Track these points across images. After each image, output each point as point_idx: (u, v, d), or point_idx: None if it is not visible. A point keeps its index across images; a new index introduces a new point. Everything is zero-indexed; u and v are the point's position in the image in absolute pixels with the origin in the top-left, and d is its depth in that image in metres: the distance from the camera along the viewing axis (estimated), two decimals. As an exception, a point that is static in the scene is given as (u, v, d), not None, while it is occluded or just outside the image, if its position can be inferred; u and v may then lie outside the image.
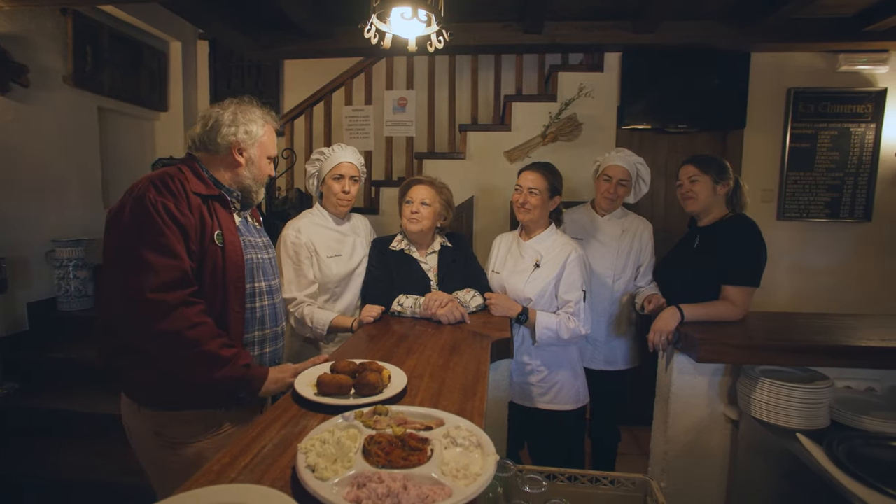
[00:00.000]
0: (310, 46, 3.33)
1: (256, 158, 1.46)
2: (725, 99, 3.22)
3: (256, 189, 1.50)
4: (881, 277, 3.32)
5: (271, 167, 1.53)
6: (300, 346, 2.06)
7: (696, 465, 1.88)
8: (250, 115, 1.44)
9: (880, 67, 3.19)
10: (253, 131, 1.43)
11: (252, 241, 1.48)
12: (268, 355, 1.51)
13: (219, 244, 1.33)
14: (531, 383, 2.03)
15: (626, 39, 3.11)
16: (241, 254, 1.39)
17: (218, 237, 1.33)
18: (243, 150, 1.43)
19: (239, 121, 1.41)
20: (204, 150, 1.42)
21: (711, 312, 1.87)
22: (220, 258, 1.33)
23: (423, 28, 1.58)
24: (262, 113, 1.48)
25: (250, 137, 1.42)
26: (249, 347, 1.43)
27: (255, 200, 1.53)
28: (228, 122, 1.40)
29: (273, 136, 1.52)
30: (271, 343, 1.52)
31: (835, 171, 3.28)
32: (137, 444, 1.39)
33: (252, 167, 1.45)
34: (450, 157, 3.52)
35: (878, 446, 1.44)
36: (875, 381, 1.77)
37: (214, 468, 0.85)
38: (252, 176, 1.46)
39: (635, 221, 2.31)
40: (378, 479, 0.76)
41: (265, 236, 1.61)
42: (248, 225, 1.53)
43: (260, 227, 1.63)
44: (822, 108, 3.24)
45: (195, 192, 1.33)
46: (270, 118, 1.51)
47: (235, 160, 1.43)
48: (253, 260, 1.45)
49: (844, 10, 2.84)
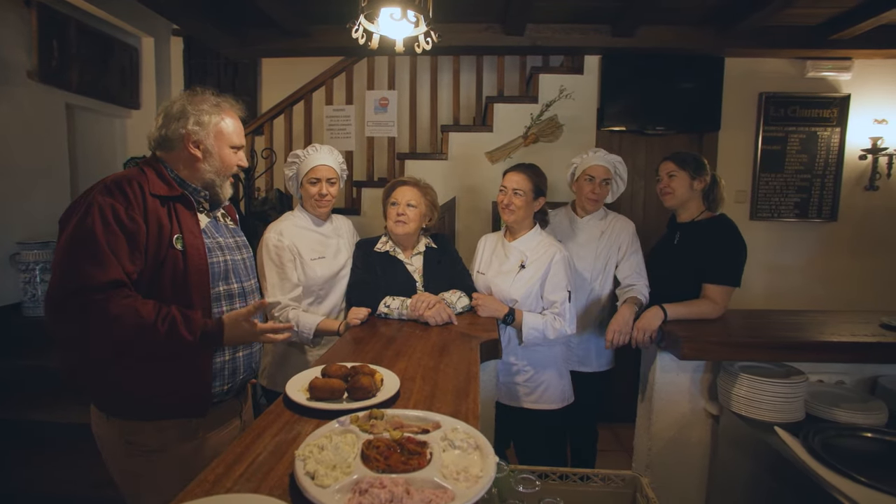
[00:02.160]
0: (289, 45, 3.28)
1: (215, 149, 1.36)
2: (701, 102, 3.31)
3: (221, 183, 1.41)
4: (846, 275, 3.47)
5: (239, 157, 1.43)
6: (284, 349, 2.03)
7: (678, 459, 1.93)
8: (201, 105, 1.34)
9: (844, 74, 3.33)
10: (205, 121, 1.34)
11: (223, 243, 1.41)
12: (242, 359, 1.43)
13: (178, 248, 1.26)
14: (517, 383, 2.04)
15: (605, 43, 3.16)
16: (205, 257, 1.31)
17: (177, 241, 1.26)
18: (198, 141, 1.34)
19: (188, 112, 1.33)
20: (162, 148, 1.35)
21: (693, 311, 1.92)
22: (180, 263, 1.25)
23: (412, 29, 1.57)
24: (217, 100, 1.38)
25: (203, 128, 1.33)
26: (220, 353, 1.35)
27: (222, 196, 1.44)
28: (177, 114, 1.32)
29: (235, 123, 1.41)
30: (245, 347, 1.44)
31: (803, 172, 3.41)
32: (109, 454, 1.33)
33: (212, 159, 1.36)
34: (432, 157, 3.51)
35: (850, 437, 1.51)
36: (844, 375, 1.85)
37: (209, 478, 0.83)
38: (214, 169, 1.37)
39: (615, 222, 2.27)
40: (380, 484, 0.75)
41: (240, 236, 1.54)
42: (219, 225, 1.45)
43: (235, 225, 1.56)
44: (791, 112, 3.37)
45: (155, 194, 1.26)
46: (228, 105, 1.41)
47: (191, 154, 1.34)
48: (224, 262, 1.38)
49: (812, 19, 2.96)
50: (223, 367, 1.36)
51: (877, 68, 3.35)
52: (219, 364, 1.35)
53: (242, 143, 1.44)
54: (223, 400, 1.40)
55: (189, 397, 1.30)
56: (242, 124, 1.47)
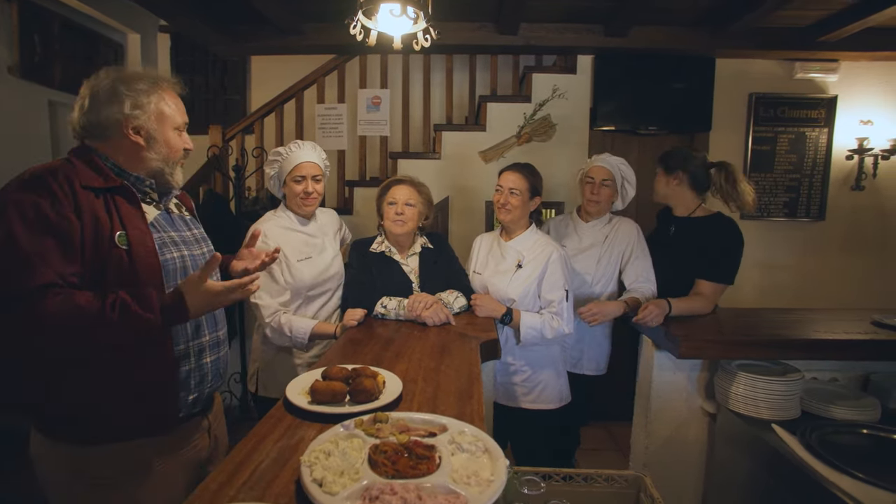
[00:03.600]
0: (281, 42, 3.24)
1: (159, 134, 1.20)
2: (692, 102, 3.34)
3: (171, 171, 1.25)
4: (834, 273, 3.53)
5: (185, 139, 1.28)
6: (273, 354, 1.96)
7: (676, 458, 1.94)
8: (135, 84, 1.17)
9: (831, 76, 3.39)
10: (144, 102, 1.17)
11: (178, 237, 1.26)
12: (209, 366, 1.28)
13: (122, 246, 1.10)
14: (515, 383, 2.04)
15: (598, 42, 3.17)
16: (156, 255, 1.15)
17: (120, 238, 1.10)
18: (138, 127, 1.17)
19: (121, 93, 1.15)
20: (93, 137, 1.18)
21: (692, 307, 1.94)
22: (125, 263, 1.10)
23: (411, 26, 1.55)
24: (152, 77, 1.22)
25: (142, 111, 1.17)
26: (184, 361, 1.21)
27: (173, 183, 1.27)
28: (107, 97, 1.15)
29: (175, 101, 1.25)
30: (212, 351, 1.30)
31: (792, 172, 3.46)
32: (52, 487, 1.16)
33: (157, 146, 1.20)
34: (425, 157, 3.49)
35: (846, 433, 1.52)
36: (837, 372, 1.87)
37: (211, 486, 0.80)
38: (161, 157, 1.21)
39: (620, 225, 2.21)
40: (391, 490, 0.73)
41: (197, 227, 1.38)
42: (173, 218, 1.29)
43: (192, 216, 1.39)
44: (780, 112, 3.41)
45: (88, 186, 1.10)
46: (167, 82, 1.24)
47: (133, 142, 1.17)
48: (181, 258, 1.23)
49: (801, 21, 3.00)
50: (189, 375, 1.22)
51: (863, 70, 3.41)
52: (184, 372, 1.21)
53: (186, 122, 1.28)
54: (190, 414, 1.25)
55: (152, 411, 1.15)
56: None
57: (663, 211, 2.30)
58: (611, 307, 2.03)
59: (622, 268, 2.17)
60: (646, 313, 1.83)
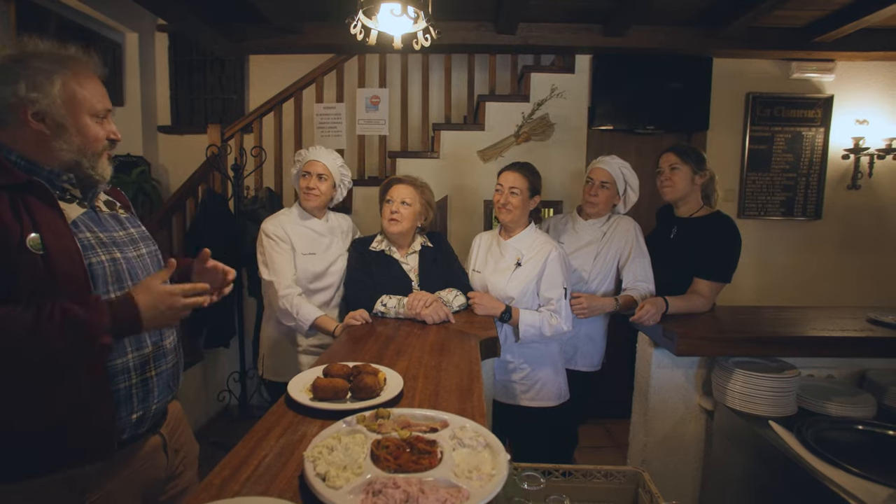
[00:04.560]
0: (279, 41, 3.24)
1: (69, 122, 1.03)
2: (690, 102, 3.36)
3: (91, 164, 1.07)
4: (831, 272, 3.56)
5: (108, 128, 1.10)
6: (276, 338, 2.06)
7: (673, 454, 1.95)
8: (32, 62, 1.00)
9: (827, 76, 3.41)
10: (44, 84, 1.00)
11: (107, 238, 1.09)
12: (155, 380, 1.12)
13: (36, 251, 0.94)
14: (514, 381, 2.05)
15: (596, 42, 3.18)
16: (80, 259, 1.00)
17: (33, 243, 0.94)
18: (40, 113, 1.00)
19: (17, 74, 0.98)
20: None
21: (690, 305, 1.96)
22: (41, 271, 0.94)
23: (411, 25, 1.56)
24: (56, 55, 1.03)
25: (43, 94, 1.00)
26: (123, 377, 1.06)
27: (97, 177, 1.09)
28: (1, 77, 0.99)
29: (92, 83, 1.07)
30: (157, 364, 1.13)
31: (789, 171, 3.48)
32: None
33: (67, 135, 1.03)
34: (423, 156, 3.50)
35: (842, 429, 1.54)
36: (833, 369, 1.89)
37: (215, 482, 0.81)
38: (74, 147, 1.04)
39: (619, 222, 2.20)
40: (394, 484, 0.74)
41: (135, 226, 1.21)
42: (100, 216, 1.12)
43: (128, 214, 1.22)
44: (777, 112, 3.43)
45: None
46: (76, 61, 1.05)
47: (34, 130, 1.01)
48: (112, 262, 1.07)
49: (798, 21, 3.02)
50: (129, 392, 1.07)
51: (858, 70, 3.43)
52: (123, 389, 1.06)
53: (107, 108, 1.10)
54: (136, 435, 1.11)
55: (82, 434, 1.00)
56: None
57: (663, 209, 2.31)
58: (601, 302, 2.06)
59: (620, 266, 2.16)
60: (642, 312, 1.84)
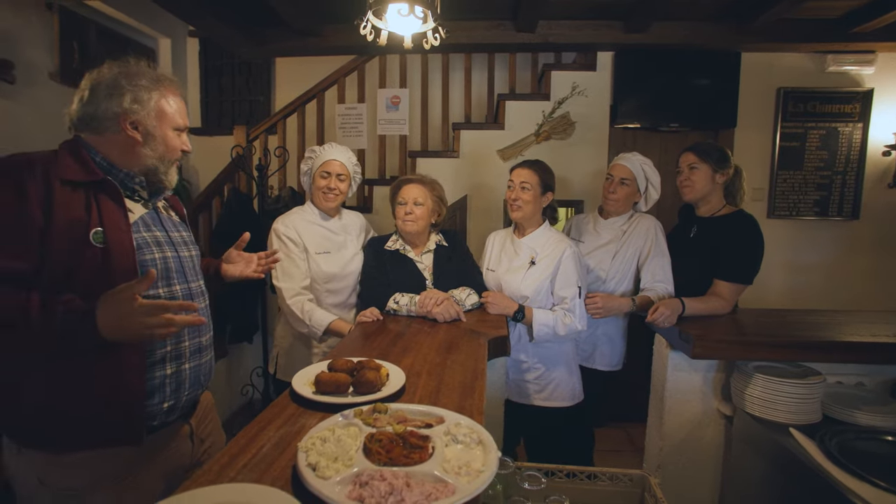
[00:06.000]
0: (301, 44, 3.31)
1: (157, 132, 1.19)
2: (717, 98, 3.25)
3: (165, 170, 1.23)
4: (868, 275, 3.38)
5: (183, 140, 1.26)
6: (291, 341, 2.08)
7: (690, 460, 1.90)
8: (137, 80, 1.16)
9: (867, 68, 3.24)
10: (144, 98, 1.16)
11: (163, 237, 1.22)
12: (188, 372, 1.22)
13: (97, 244, 1.05)
14: (528, 381, 2.03)
15: (617, 39, 3.12)
16: (133, 256, 1.11)
17: (96, 236, 1.06)
18: (136, 123, 1.16)
19: (122, 87, 1.14)
20: (88, 129, 1.16)
21: (708, 307, 1.90)
22: (99, 262, 1.05)
23: (420, 25, 1.57)
24: (154, 75, 1.20)
25: (142, 107, 1.16)
26: (159, 366, 1.15)
27: (167, 183, 1.26)
28: (107, 90, 1.14)
29: (178, 102, 1.24)
30: (193, 358, 1.23)
31: (823, 169, 3.32)
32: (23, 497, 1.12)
33: (154, 143, 1.19)
34: (443, 155, 3.51)
35: (869, 440, 1.46)
36: (864, 376, 1.80)
37: (214, 468, 0.84)
38: (157, 155, 1.20)
39: (640, 221, 2.16)
40: (380, 476, 0.75)
41: (185, 230, 1.35)
42: (160, 217, 1.26)
43: (181, 219, 1.37)
44: (811, 107, 3.28)
45: (67, 180, 1.07)
46: (168, 82, 1.23)
47: (129, 137, 1.16)
48: (163, 259, 1.19)
49: (832, 12, 2.88)
50: (164, 382, 1.16)
51: (901, 62, 3.25)
52: (159, 378, 1.15)
53: (186, 125, 1.27)
54: (166, 423, 1.19)
55: (120, 419, 1.09)
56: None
57: (685, 207, 2.25)
58: (617, 302, 2.01)
59: (640, 266, 2.12)
60: (657, 314, 1.79)
